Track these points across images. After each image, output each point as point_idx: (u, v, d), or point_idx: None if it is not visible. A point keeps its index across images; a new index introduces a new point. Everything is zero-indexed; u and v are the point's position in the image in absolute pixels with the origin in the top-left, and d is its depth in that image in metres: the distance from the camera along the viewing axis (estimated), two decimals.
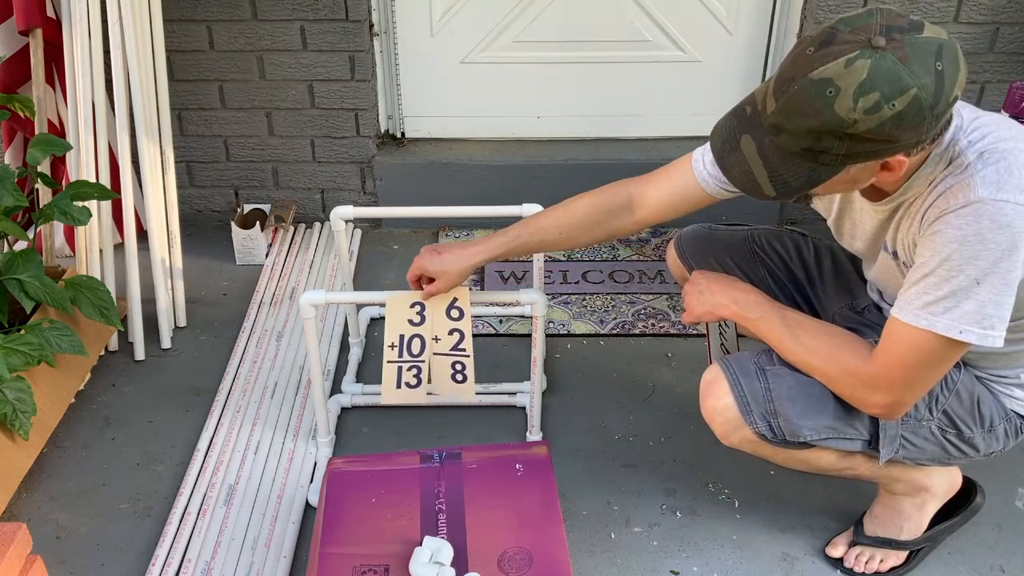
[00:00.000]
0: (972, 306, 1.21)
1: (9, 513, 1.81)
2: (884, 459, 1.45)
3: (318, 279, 2.53)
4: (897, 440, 1.44)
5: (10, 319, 1.96)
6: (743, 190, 1.27)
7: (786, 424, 1.42)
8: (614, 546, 1.75)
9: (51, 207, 1.96)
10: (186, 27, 2.48)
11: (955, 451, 1.48)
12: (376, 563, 1.44)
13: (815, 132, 1.15)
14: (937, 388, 1.43)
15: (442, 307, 1.72)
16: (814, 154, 1.18)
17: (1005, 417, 1.47)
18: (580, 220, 1.62)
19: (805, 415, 1.41)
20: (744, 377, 1.44)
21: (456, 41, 2.65)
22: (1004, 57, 2.48)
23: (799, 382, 1.42)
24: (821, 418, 1.42)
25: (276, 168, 2.72)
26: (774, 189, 1.22)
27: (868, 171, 1.22)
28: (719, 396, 1.46)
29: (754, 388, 1.43)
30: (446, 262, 1.66)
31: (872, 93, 1.10)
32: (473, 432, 2.01)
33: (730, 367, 1.46)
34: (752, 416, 1.43)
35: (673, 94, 2.70)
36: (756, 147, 1.21)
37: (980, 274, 1.20)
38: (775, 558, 1.72)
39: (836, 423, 1.43)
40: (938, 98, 1.12)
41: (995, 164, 1.21)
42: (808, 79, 1.13)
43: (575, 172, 2.68)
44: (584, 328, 2.33)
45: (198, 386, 2.15)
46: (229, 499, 1.83)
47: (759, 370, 1.44)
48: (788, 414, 1.41)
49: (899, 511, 1.65)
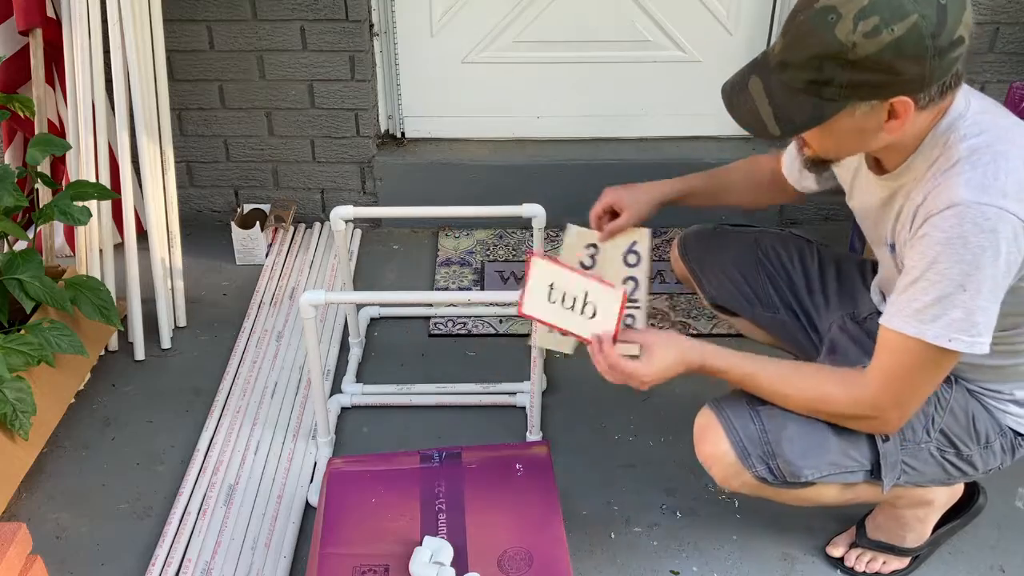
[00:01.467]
0: (960, 313, 1.20)
1: (9, 513, 1.81)
2: (888, 487, 1.42)
3: (318, 279, 2.53)
4: (899, 466, 1.42)
5: (10, 319, 1.96)
6: (748, 129, 1.26)
7: (786, 465, 1.38)
8: (614, 546, 1.75)
9: (51, 207, 1.96)
10: (186, 27, 2.48)
11: (955, 471, 1.46)
12: (376, 563, 1.44)
13: (817, 59, 1.16)
14: (932, 408, 1.41)
15: (619, 252, 1.58)
16: (818, 87, 1.18)
17: (1000, 432, 1.45)
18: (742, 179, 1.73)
19: (804, 455, 1.38)
20: (738, 420, 1.39)
21: (456, 41, 2.65)
22: (1004, 57, 2.48)
23: (795, 421, 1.38)
24: (821, 456, 1.38)
25: (276, 168, 2.72)
26: (779, 127, 1.22)
27: (874, 119, 1.20)
28: (715, 442, 1.40)
29: (749, 431, 1.38)
30: (638, 191, 1.64)
31: (872, 17, 1.11)
32: (473, 432, 2.01)
33: (722, 410, 1.41)
34: (751, 460, 1.38)
35: (673, 94, 2.70)
36: (763, 86, 1.23)
37: (964, 279, 1.19)
38: (775, 558, 1.72)
39: (837, 458, 1.40)
40: (940, 29, 1.12)
41: (983, 166, 1.20)
42: (812, 9, 1.16)
43: (575, 172, 2.67)
44: None
45: (198, 386, 2.15)
46: (229, 499, 1.83)
47: (752, 412, 1.39)
48: (787, 455, 1.37)
49: (903, 522, 1.64)
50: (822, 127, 1.22)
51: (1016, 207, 1.18)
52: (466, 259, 2.62)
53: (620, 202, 1.63)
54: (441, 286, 2.51)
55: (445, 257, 2.63)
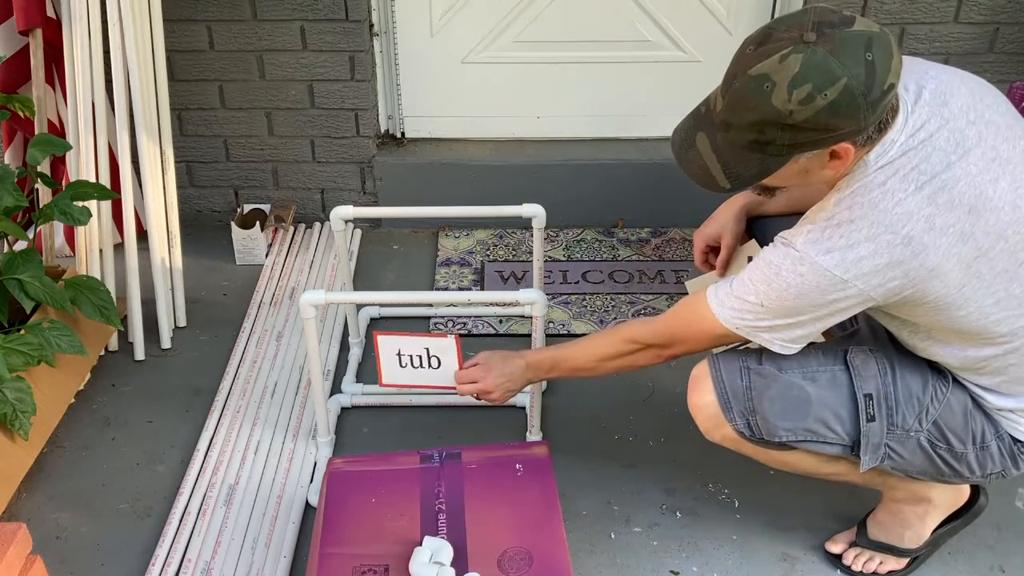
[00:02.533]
0: (749, 316, 1.35)
1: (9, 513, 1.81)
2: (865, 467, 1.45)
3: (318, 279, 2.53)
4: (881, 448, 1.44)
5: (10, 319, 1.96)
6: (700, 184, 1.33)
7: (763, 423, 1.44)
8: (614, 546, 1.75)
9: (51, 207, 1.96)
10: (186, 27, 2.48)
11: (947, 467, 1.47)
12: (376, 563, 1.44)
13: (758, 125, 1.22)
14: (928, 399, 1.42)
15: None
16: (761, 145, 1.24)
17: (997, 435, 1.45)
18: None
19: (782, 415, 1.43)
20: (728, 375, 1.47)
21: (456, 41, 2.65)
22: (1004, 57, 2.48)
23: (781, 383, 1.43)
24: (799, 420, 1.43)
25: (276, 168, 2.72)
26: (728, 181, 1.29)
27: (817, 161, 1.26)
28: (702, 393, 1.49)
29: (736, 386, 1.46)
30: (718, 215, 1.72)
31: (805, 85, 1.17)
32: (473, 432, 2.01)
33: (716, 364, 1.49)
34: (732, 413, 1.46)
35: (673, 94, 2.70)
36: (710, 143, 1.29)
37: (764, 298, 1.33)
38: (775, 558, 1.72)
39: (815, 425, 1.43)
40: (870, 86, 1.17)
41: (829, 225, 1.27)
42: (748, 75, 1.20)
43: (575, 172, 2.68)
44: (584, 328, 2.33)
45: (198, 386, 2.15)
46: (229, 499, 1.83)
47: (744, 368, 1.46)
48: (765, 413, 1.43)
49: (902, 519, 1.64)
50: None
51: (833, 263, 1.26)
52: (466, 259, 2.62)
53: (711, 236, 1.71)
54: (441, 286, 2.51)
55: (445, 257, 2.63)
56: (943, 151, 1.25)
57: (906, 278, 1.26)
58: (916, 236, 1.23)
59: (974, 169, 1.25)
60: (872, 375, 1.43)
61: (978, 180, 1.25)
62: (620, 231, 2.72)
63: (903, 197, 1.24)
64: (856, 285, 1.27)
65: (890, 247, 1.24)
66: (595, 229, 2.73)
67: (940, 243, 1.24)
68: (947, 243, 1.24)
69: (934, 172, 1.25)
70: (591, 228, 2.74)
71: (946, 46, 2.47)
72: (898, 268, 1.25)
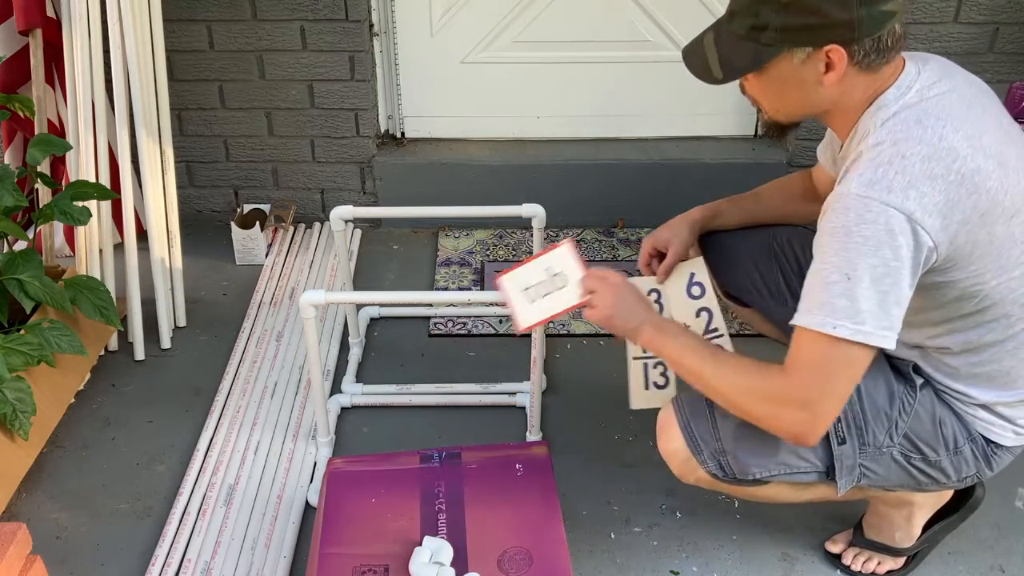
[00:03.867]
0: (844, 302, 1.21)
1: (9, 513, 1.81)
2: (843, 489, 1.43)
3: (318, 279, 2.53)
4: (856, 470, 1.42)
5: (10, 319, 1.96)
6: (697, 76, 1.37)
7: (735, 462, 1.42)
8: (614, 546, 1.75)
9: (51, 207, 1.96)
10: (186, 27, 2.48)
11: (924, 477, 1.45)
12: (376, 563, 1.44)
13: (756, 5, 1.26)
14: (896, 413, 1.41)
15: (681, 288, 1.62)
16: (757, 32, 1.26)
17: (970, 438, 1.43)
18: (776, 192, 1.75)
19: (753, 453, 1.41)
20: (694, 418, 1.44)
21: (456, 41, 2.65)
22: (1004, 57, 2.48)
23: (747, 421, 1.39)
24: (771, 456, 1.41)
25: (276, 168, 2.72)
26: (722, 72, 1.33)
27: (812, 68, 1.26)
28: (670, 439, 1.47)
29: (702, 428, 1.43)
30: (672, 224, 1.68)
31: None
32: (473, 432, 2.01)
33: (681, 409, 1.46)
34: (703, 456, 1.43)
35: (673, 94, 2.70)
36: (713, 36, 1.35)
37: (848, 267, 1.21)
38: (775, 558, 1.72)
39: (787, 458, 1.41)
40: None
41: (879, 164, 1.22)
42: None
43: (575, 172, 2.68)
44: (584, 328, 2.33)
45: (198, 386, 2.15)
46: (229, 499, 1.83)
47: (708, 409, 1.43)
48: (736, 452, 1.41)
49: (889, 521, 1.64)
50: (763, 76, 1.30)
51: (899, 201, 1.19)
52: (466, 259, 2.62)
53: (661, 242, 1.68)
54: (441, 286, 2.51)
55: (445, 257, 2.63)
56: (961, 107, 1.26)
57: (963, 219, 1.22)
58: (967, 174, 1.21)
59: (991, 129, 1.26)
60: None
61: (998, 139, 1.25)
62: (620, 231, 2.72)
63: (944, 134, 1.22)
64: (928, 229, 1.20)
65: (946, 184, 1.20)
66: (595, 229, 2.73)
67: (987, 185, 1.22)
68: (992, 187, 1.22)
69: (961, 118, 1.24)
70: (591, 228, 2.73)
71: (946, 46, 2.47)
72: (956, 208, 1.21)
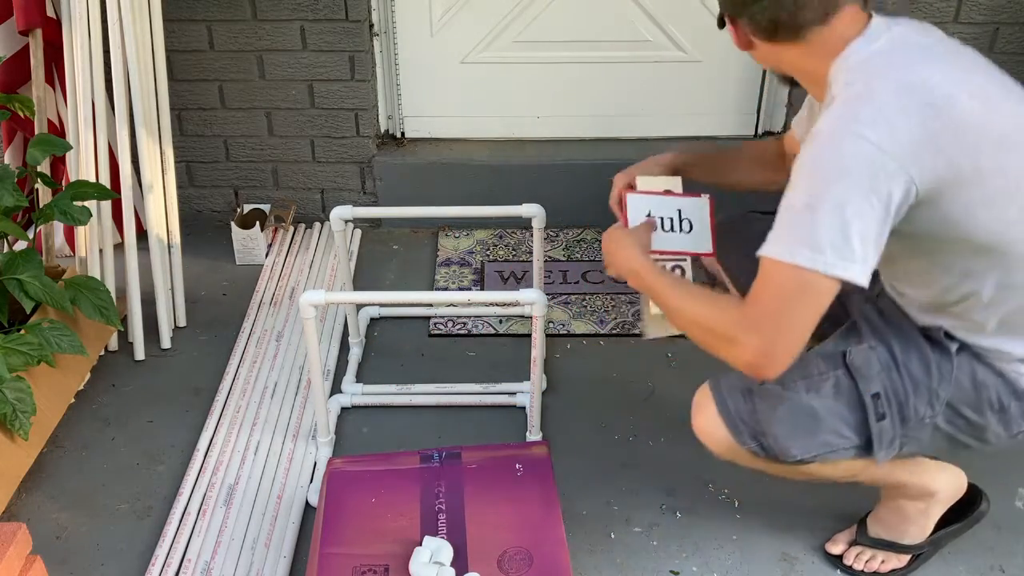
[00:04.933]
0: (804, 232, 1.20)
1: (9, 513, 1.81)
2: (882, 461, 1.43)
3: (318, 279, 2.53)
4: (896, 442, 1.42)
5: (10, 319, 1.96)
6: None
7: (775, 443, 1.42)
8: (614, 546, 1.75)
9: (51, 207, 1.96)
10: (186, 27, 2.48)
11: (973, 441, 1.44)
12: (376, 563, 1.44)
13: None
14: (934, 383, 1.40)
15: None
16: None
17: (1014, 395, 1.41)
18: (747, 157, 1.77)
19: (793, 435, 1.41)
20: (731, 398, 1.45)
21: (456, 41, 2.65)
22: (1004, 57, 2.48)
23: (787, 404, 1.41)
24: (810, 437, 1.41)
25: (276, 168, 2.72)
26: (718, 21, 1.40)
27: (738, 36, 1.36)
28: (708, 417, 1.47)
29: (741, 409, 1.44)
30: (642, 165, 1.71)
31: None
32: (473, 432, 2.01)
33: (719, 388, 1.47)
34: (743, 436, 1.44)
35: (673, 94, 2.70)
36: None
37: (811, 198, 1.20)
38: (775, 558, 1.72)
39: (827, 438, 1.42)
40: None
41: (849, 99, 1.23)
42: None
43: (575, 172, 2.68)
44: (584, 328, 2.33)
45: (198, 386, 2.15)
46: (229, 499, 1.83)
47: (746, 391, 1.44)
48: (776, 434, 1.41)
49: (904, 515, 1.64)
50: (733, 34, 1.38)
51: (867, 131, 1.19)
52: (466, 259, 2.62)
53: (631, 175, 1.69)
54: (441, 286, 2.51)
55: (445, 257, 2.63)
56: (938, 51, 1.27)
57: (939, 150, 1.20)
58: (943, 107, 1.20)
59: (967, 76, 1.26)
60: (875, 373, 1.40)
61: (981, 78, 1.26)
62: None
63: (918, 70, 1.23)
64: (897, 159, 1.19)
65: (921, 117, 1.20)
66: (595, 229, 2.73)
67: (967, 118, 1.21)
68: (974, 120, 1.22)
69: (938, 60, 1.25)
70: (591, 228, 2.73)
71: None
72: (932, 140, 1.20)
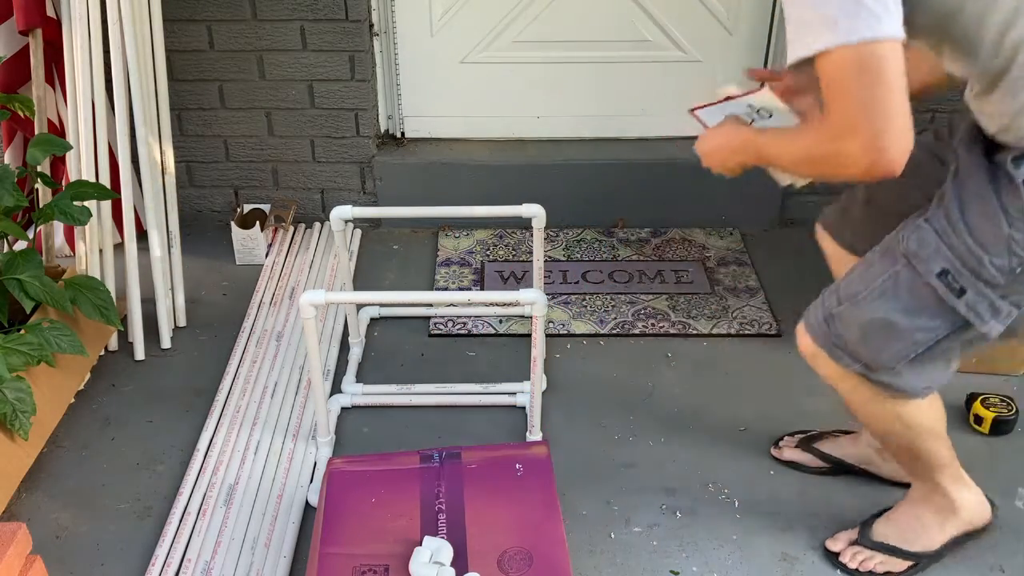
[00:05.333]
0: (817, 21, 1.14)
1: (9, 513, 1.81)
2: (994, 332, 1.35)
3: (318, 279, 2.53)
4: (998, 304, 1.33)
5: (10, 319, 1.96)
6: None
7: (872, 361, 1.44)
8: (614, 546, 1.75)
9: (51, 207, 1.96)
10: (186, 27, 2.48)
11: None
12: (376, 563, 1.44)
13: None
14: (1006, 227, 1.28)
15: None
16: None
17: None
18: None
19: (881, 349, 1.42)
20: (819, 328, 1.48)
21: (456, 41, 2.65)
22: None
23: (860, 321, 1.42)
24: (897, 342, 1.41)
25: (276, 168, 2.72)
26: None
27: None
28: (807, 344, 1.51)
29: (828, 335, 1.47)
30: None
31: None
32: (473, 432, 2.01)
33: (809, 321, 1.50)
34: (846, 359, 1.46)
35: (673, 94, 2.70)
36: None
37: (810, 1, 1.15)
38: (775, 558, 1.72)
39: (917, 336, 1.39)
40: None
41: None
42: None
43: (575, 172, 2.68)
44: (584, 328, 2.33)
45: (198, 386, 2.15)
46: (229, 499, 1.83)
47: (828, 317, 1.46)
48: (867, 353, 1.44)
49: (921, 522, 1.64)
50: None
51: None
52: (466, 259, 2.62)
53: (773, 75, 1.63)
54: (441, 286, 2.51)
55: (445, 257, 2.63)
56: None
57: None
58: None
59: None
60: (933, 250, 1.34)
61: None
62: (620, 231, 2.72)
63: None
64: None
65: None
66: (595, 229, 2.73)
67: None
68: None
69: None
70: (591, 228, 2.74)
71: None
72: None
